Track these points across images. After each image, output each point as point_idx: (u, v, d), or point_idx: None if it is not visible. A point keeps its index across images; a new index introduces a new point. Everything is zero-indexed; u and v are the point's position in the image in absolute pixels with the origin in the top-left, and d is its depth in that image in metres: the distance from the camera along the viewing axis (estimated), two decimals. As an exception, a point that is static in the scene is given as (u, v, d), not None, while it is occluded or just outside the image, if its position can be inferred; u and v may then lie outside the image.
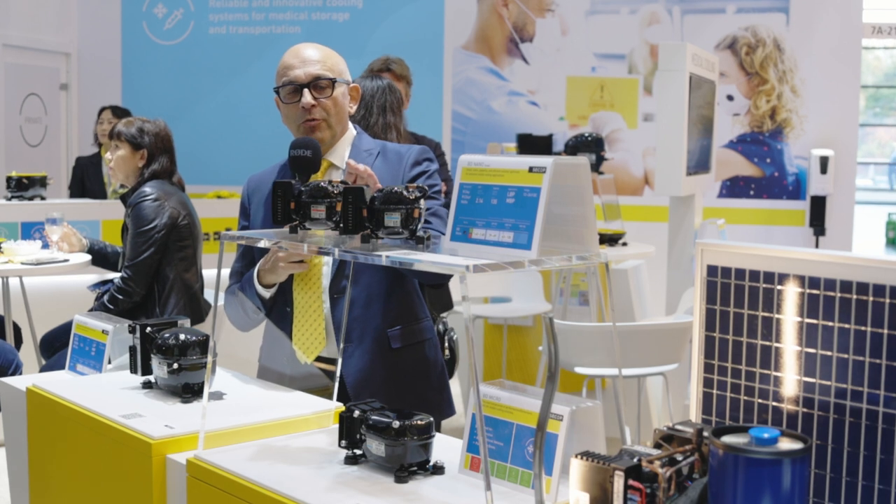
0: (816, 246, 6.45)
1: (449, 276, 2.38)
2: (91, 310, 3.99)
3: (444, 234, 1.76)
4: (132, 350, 2.46)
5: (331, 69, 2.58)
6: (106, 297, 4.03)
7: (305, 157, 2.27)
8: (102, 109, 6.42)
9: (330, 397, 2.27)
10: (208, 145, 7.32)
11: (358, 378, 2.53)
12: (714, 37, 6.70)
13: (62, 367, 2.78)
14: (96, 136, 6.42)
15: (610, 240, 5.03)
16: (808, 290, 1.54)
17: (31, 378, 2.64)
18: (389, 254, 1.68)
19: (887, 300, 1.45)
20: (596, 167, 5.10)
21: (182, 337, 2.33)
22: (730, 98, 6.69)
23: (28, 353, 4.68)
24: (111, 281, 4.19)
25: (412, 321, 2.63)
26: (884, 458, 1.45)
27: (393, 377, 2.57)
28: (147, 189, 4.07)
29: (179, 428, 2.09)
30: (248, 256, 2.66)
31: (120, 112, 6.24)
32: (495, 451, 1.77)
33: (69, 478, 2.34)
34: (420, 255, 1.66)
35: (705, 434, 1.35)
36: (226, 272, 2.72)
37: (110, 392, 2.40)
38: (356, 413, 1.90)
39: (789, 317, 1.56)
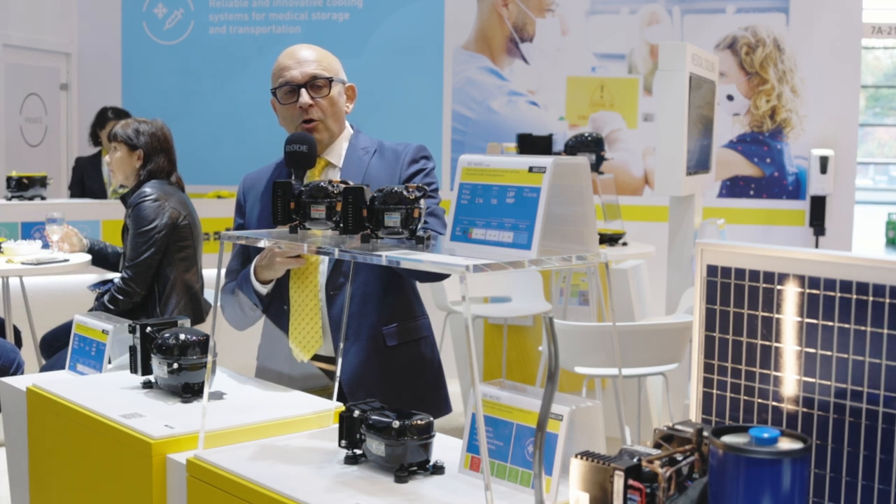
0: (816, 246, 6.45)
1: (446, 276, 2.38)
2: (91, 310, 3.99)
3: (442, 233, 1.76)
4: (132, 350, 2.46)
5: (327, 68, 2.59)
6: (106, 298, 4.03)
7: (301, 152, 2.27)
8: (103, 111, 6.41)
9: (329, 397, 2.27)
10: (208, 145, 7.31)
11: (353, 375, 2.53)
12: (714, 37, 6.69)
13: (62, 367, 2.78)
14: (98, 137, 6.41)
15: (610, 240, 5.02)
16: (808, 290, 1.54)
17: (31, 378, 2.64)
18: (389, 254, 1.68)
19: (887, 300, 1.45)
20: (596, 167, 5.09)
21: (182, 337, 2.34)
22: (730, 98, 6.69)
23: (28, 353, 4.68)
24: (111, 281, 4.20)
25: (408, 319, 2.64)
26: (884, 458, 1.45)
27: (388, 375, 2.57)
28: (147, 189, 4.07)
29: (179, 428, 2.09)
30: (245, 254, 2.66)
31: (119, 113, 6.23)
32: (495, 451, 1.77)
33: (69, 478, 2.34)
34: (420, 254, 1.66)
35: (705, 434, 1.35)
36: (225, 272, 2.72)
37: (110, 392, 2.40)
38: (356, 413, 1.90)
39: (789, 317, 1.56)
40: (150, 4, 7.56)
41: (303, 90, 2.55)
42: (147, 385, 2.44)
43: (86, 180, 6.46)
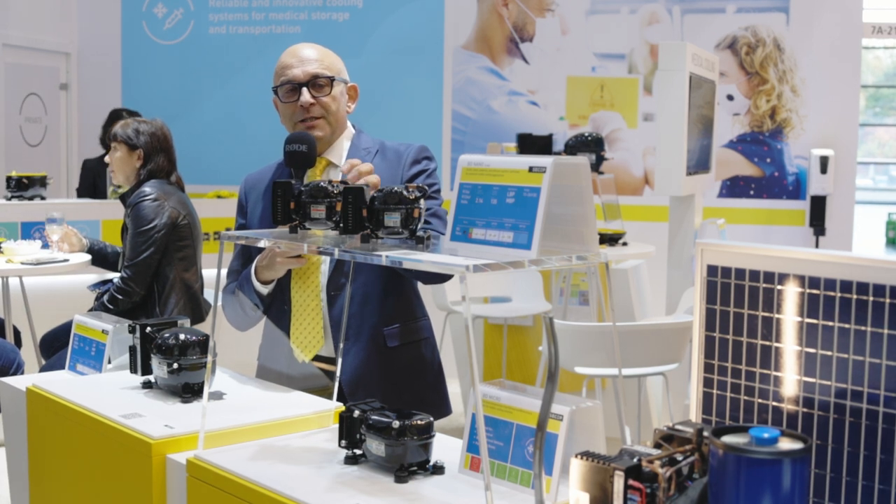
0: (816, 246, 6.44)
1: (448, 276, 2.38)
2: (91, 310, 3.99)
3: (444, 234, 1.76)
4: (132, 350, 2.46)
5: (329, 67, 2.59)
6: (106, 297, 4.03)
7: (301, 151, 2.27)
8: (117, 112, 6.39)
9: (329, 397, 2.27)
10: (208, 145, 7.31)
11: (353, 376, 2.53)
12: (714, 37, 6.69)
13: (62, 367, 2.78)
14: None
15: (610, 240, 5.02)
16: (808, 290, 1.54)
17: (31, 378, 2.64)
18: (389, 254, 1.67)
19: (887, 300, 1.45)
20: (596, 167, 5.09)
21: (182, 337, 2.33)
22: (730, 98, 6.69)
23: (28, 353, 4.68)
24: (111, 281, 4.20)
25: (409, 320, 2.63)
26: (884, 458, 1.45)
27: (388, 375, 2.57)
28: (147, 189, 4.07)
29: (179, 428, 2.09)
30: (246, 255, 2.66)
31: (134, 115, 6.22)
32: (495, 451, 1.77)
33: (69, 478, 2.34)
34: (420, 255, 1.66)
35: (705, 434, 1.35)
36: (225, 272, 2.72)
37: (110, 392, 2.40)
38: (356, 413, 1.90)
39: (789, 317, 1.56)
40: (150, 4, 7.56)
41: (304, 89, 2.55)
42: (147, 385, 2.44)
43: (98, 182, 6.45)
